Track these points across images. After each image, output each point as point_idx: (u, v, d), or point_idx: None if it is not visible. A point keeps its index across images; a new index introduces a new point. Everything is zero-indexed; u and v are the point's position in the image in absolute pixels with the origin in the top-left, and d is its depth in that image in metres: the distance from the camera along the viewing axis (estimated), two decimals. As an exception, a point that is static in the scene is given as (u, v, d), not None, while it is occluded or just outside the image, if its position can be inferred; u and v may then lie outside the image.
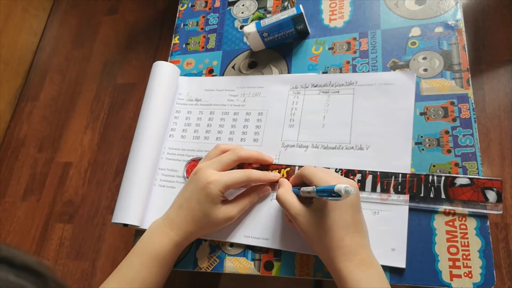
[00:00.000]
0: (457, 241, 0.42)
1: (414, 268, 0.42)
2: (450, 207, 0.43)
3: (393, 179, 0.45)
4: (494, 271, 0.41)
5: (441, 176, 0.44)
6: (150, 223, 0.49)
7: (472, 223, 0.42)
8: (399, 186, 0.45)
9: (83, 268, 1.27)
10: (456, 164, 0.45)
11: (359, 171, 0.47)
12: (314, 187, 0.40)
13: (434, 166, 0.46)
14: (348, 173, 0.47)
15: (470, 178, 0.43)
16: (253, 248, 0.48)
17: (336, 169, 0.48)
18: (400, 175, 0.45)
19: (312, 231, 0.40)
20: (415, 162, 0.46)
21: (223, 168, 0.48)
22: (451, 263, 0.42)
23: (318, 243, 0.40)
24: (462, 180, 0.43)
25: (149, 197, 0.54)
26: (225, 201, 0.47)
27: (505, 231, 0.96)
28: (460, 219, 0.43)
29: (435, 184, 0.44)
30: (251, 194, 0.48)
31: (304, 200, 0.43)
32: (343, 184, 0.35)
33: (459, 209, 0.43)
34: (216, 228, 0.48)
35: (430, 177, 0.44)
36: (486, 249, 0.41)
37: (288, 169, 0.50)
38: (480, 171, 0.44)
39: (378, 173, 0.46)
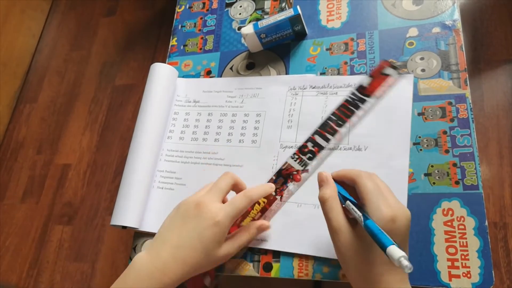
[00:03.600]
0: (455, 241, 0.42)
1: (413, 268, 0.42)
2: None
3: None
4: (493, 271, 0.41)
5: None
6: (147, 226, 0.49)
7: (470, 223, 0.42)
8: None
9: (82, 270, 1.27)
10: (454, 164, 0.45)
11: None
12: (362, 216, 0.34)
13: (432, 166, 0.46)
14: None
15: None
16: (252, 250, 0.48)
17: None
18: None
19: (350, 256, 0.36)
20: (413, 163, 0.46)
21: (223, 195, 0.44)
22: (449, 263, 0.42)
23: (354, 271, 0.36)
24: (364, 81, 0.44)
25: (148, 199, 0.54)
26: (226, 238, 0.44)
27: (504, 230, 0.96)
28: (458, 219, 0.43)
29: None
30: (250, 230, 0.46)
31: (346, 211, 0.38)
32: (398, 251, 0.30)
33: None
34: (214, 265, 0.44)
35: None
36: (484, 249, 0.41)
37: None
38: (478, 170, 0.44)
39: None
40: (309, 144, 0.50)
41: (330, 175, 0.41)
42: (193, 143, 0.56)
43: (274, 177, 0.50)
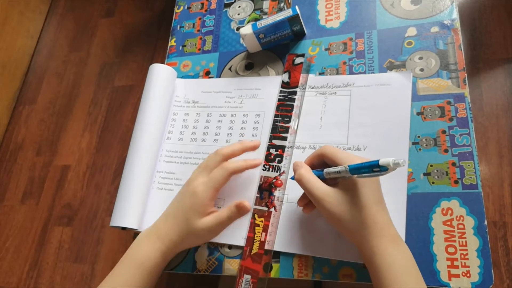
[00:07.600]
0: (455, 241, 0.42)
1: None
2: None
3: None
4: (493, 270, 0.41)
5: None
6: (147, 227, 0.49)
7: (469, 223, 0.42)
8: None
9: (82, 271, 1.27)
10: (453, 164, 0.45)
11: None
12: (345, 166, 0.39)
13: (431, 165, 0.46)
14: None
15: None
16: (252, 250, 0.48)
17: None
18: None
19: (342, 211, 0.39)
20: (412, 162, 0.46)
21: (218, 187, 0.46)
22: (449, 262, 0.42)
23: (350, 222, 0.39)
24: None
25: (147, 200, 0.53)
26: (210, 213, 0.46)
27: (504, 229, 0.96)
28: (457, 218, 0.43)
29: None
30: (230, 207, 0.45)
31: (328, 182, 0.42)
32: (388, 158, 0.35)
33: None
34: (200, 240, 0.48)
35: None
36: (484, 248, 0.41)
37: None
38: (478, 170, 0.44)
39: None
40: (272, 150, 0.52)
41: (301, 161, 0.45)
42: (192, 144, 0.56)
43: (258, 195, 0.50)
